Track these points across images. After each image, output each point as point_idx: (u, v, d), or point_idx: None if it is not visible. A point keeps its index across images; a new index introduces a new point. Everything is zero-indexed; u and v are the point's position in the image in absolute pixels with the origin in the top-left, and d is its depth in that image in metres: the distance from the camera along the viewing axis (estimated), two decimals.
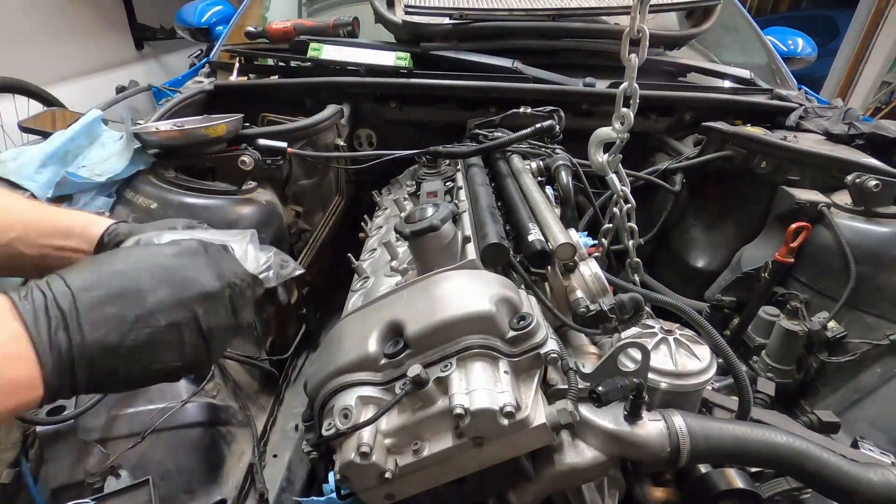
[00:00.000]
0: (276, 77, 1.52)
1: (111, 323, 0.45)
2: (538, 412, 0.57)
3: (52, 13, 3.32)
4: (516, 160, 1.13)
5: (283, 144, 1.13)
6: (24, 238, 0.61)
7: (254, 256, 0.62)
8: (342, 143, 1.39)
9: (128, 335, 0.45)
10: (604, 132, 1.09)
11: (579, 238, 0.81)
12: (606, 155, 1.12)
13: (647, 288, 1.31)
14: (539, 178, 1.12)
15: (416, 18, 1.51)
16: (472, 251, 0.77)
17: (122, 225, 0.65)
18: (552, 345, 0.61)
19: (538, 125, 1.14)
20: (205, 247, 0.54)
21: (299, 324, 1.32)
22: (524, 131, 1.13)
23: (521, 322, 0.61)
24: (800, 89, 1.76)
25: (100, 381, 0.45)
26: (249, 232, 0.65)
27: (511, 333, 0.60)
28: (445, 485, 0.60)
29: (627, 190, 1.15)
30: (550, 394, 0.62)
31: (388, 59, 1.46)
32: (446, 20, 1.50)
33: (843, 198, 1.19)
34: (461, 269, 0.73)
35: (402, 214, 0.84)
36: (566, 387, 0.59)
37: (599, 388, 0.60)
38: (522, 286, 0.74)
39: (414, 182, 1.19)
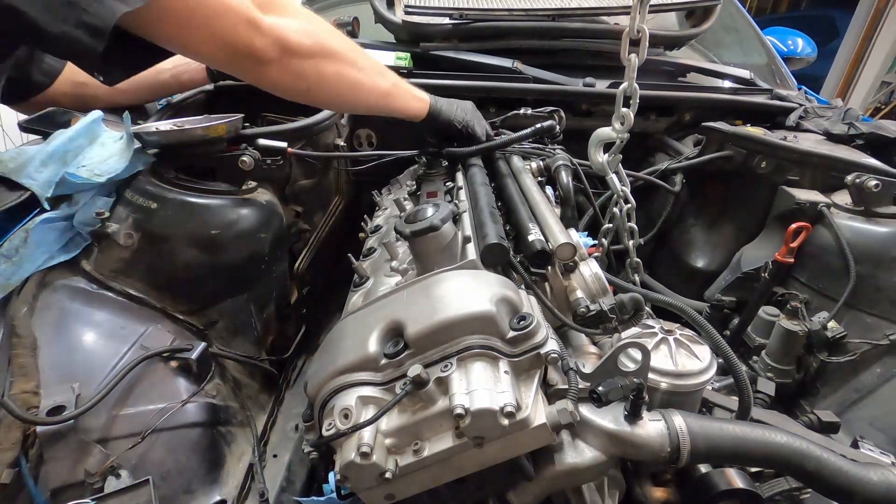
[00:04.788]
0: None
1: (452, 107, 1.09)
2: (538, 412, 0.57)
3: None
4: (516, 160, 1.13)
5: (283, 144, 1.13)
6: None
7: None
8: (342, 143, 1.39)
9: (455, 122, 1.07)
10: (604, 132, 1.09)
11: (579, 238, 0.81)
12: (606, 155, 1.12)
13: (647, 288, 1.31)
14: (539, 178, 1.12)
15: (416, 18, 1.51)
16: (472, 251, 0.77)
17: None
18: (552, 345, 0.61)
19: (538, 125, 1.14)
20: None
21: (299, 324, 1.32)
22: (524, 131, 1.13)
23: (522, 322, 0.61)
24: (800, 89, 1.76)
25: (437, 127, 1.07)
26: None
27: (511, 333, 0.60)
28: (445, 485, 0.60)
29: (627, 190, 1.16)
30: (551, 394, 0.62)
31: (387, 59, 1.46)
32: (446, 20, 1.50)
33: (843, 198, 1.19)
34: (461, 269, 0.73)
35: (402, 214, 0.84)
36: (566, 387, 0.59)
37: (600, 388, 0.60)
38: (522, 286, 0.74)
39: (414, 182, 1.19)
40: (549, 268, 0.79)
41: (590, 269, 0.76)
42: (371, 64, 0.94)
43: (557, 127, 1.19)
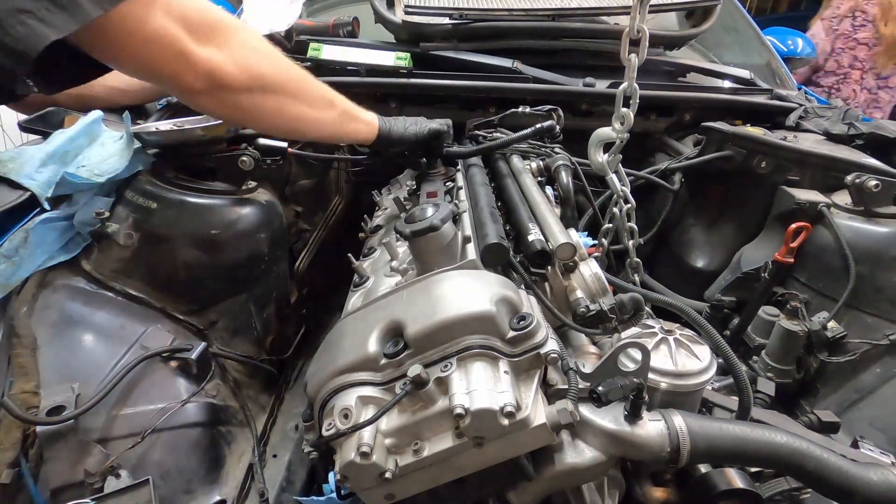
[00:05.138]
0: None
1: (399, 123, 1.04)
2: (538, 412, 0.57)
3: None
4: (516, 160, 1.13)
5: (283, 144, 1.13)
6: None
7: None
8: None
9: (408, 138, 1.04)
10: (604, 132, 1.09)
11: (579, 238, 0.81)
12: (606, 155, 1.12)
13: (647, 288, 1.31)
14: (539, 178, 1.12)
15: (416, 18, 1.51)
16: (472, 251, 0.77)
17: None
18: (552, 345, 0.61)
19: (538, 125, 1.14)
20: None
21: (299, 324, 1.32)
22: (524, 131, 1.12)
23: (522, 322, 0.61)
24: (799, 89, 1.76)
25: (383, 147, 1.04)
26: None
27: (511, 333, 0.60)
28: (445, 485, 0.60)
29: (627, 190, 1.15)
30: (551, 394, 0.62)
31: (388, 59, 1.46)
32: (446, 20, 1.50)
33: (843, 198, 1.19)
34: (461, 269, 0.73)
35: (403, 214, 0.84)
36: (566, 387, 0.59)
37: (599, 388, 0.60)
38: (522, 286, 0.74)
39: (414, 182, 1.19)
40: (549, 268, 0.79)
41: (590, 269, 0.76)
42: (318, 94, 0.90)
43: (557, 127, 1.19)
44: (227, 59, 0.74)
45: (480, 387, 0.56)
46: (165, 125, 1.04)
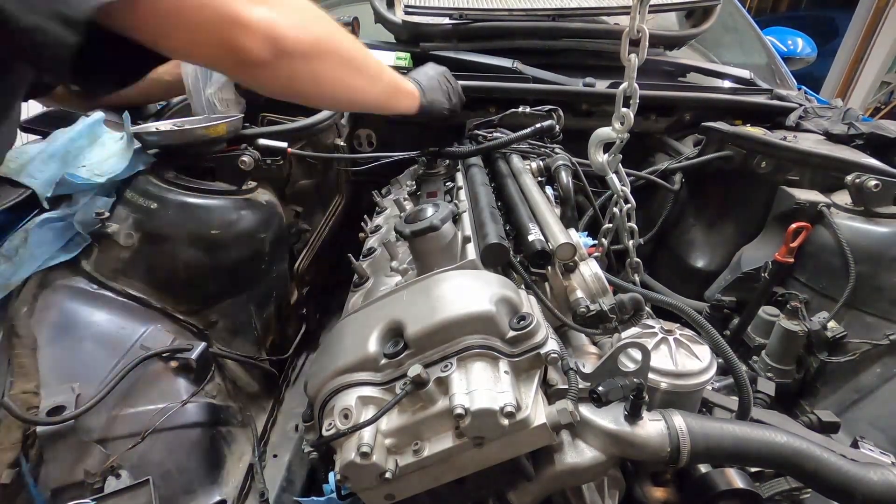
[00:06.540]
0: None
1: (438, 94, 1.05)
2: (538, 412, 0.57)
3: None
4: (516, 160, 1.13)
5: (283, 144, 1.13)
6: None
7: None
8: (342, 143, 1.39)
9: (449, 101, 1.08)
10: (604, 132, 1.09)
11: (579, 238, 0.81)
12: (606, 155, 1.12)
13: (647, 288, 1.31)
14: (539, 178, 1.12)
15: (415, 18, 1.51)
16: (472, 251, 0.77)
17: None
18: (552, 345, 0.61)
19: (538, 125, 1.14)
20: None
21: (299, 324, 1.32)
22: (524, 131, 1.13)
23: (521, 322, 0.61)
24: (799, 89, 1.76)
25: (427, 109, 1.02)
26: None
27: (511, 333, 0.60)
28: (445, 485, 0.60)
29: (627, 190, 1.15)
30: (551, 394, 0.62)
31: (387, 59, 1.46)
32: (446, 20, 1.50)
33: (843, 198, 1.19)
34: (461, 269, 0.73)
35: (402, 214, 0.84)
36: (566, 387, 0.59)
37: (600, 388, 0.60)
38: (522, 286, 0.74)
39: (414, 182, 1.19)
40: (549, 268, 0.79)
41: (590, 269, 0.76)
42: (369, 62, 0.84)
43: (557, 126, 1.19)
44: (286, 21, 0.66)
45: (480, 387, 0.56)
46: (165, 125, 1.04)
